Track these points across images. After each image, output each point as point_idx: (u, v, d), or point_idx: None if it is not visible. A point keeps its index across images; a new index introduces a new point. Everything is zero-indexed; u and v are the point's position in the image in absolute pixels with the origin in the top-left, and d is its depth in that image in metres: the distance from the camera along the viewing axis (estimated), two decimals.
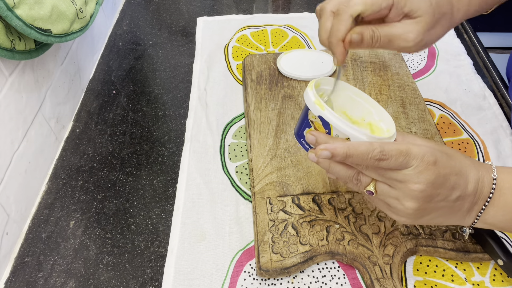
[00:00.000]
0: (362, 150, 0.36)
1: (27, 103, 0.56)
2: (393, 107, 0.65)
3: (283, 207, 0.52)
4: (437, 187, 0.37)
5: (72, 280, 0.49)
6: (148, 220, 0.55)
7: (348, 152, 0.37)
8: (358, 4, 0.39)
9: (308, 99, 0.41)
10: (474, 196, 0.39)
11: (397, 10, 0.40)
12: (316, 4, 0.91)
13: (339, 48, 0.41)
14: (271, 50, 0.79)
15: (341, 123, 0.39)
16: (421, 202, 0.37)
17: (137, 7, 0.92)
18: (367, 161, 0.36)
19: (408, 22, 0.41)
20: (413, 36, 0.41)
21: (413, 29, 0.41)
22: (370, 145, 0.36)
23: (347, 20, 0.40)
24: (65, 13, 0.56)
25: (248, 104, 0.66)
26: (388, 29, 0.41)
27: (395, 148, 0.36)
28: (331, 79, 0.45)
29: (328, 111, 0.39)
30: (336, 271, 0.49)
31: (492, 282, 0.48)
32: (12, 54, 0.50)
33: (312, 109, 0.40)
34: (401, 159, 0.36)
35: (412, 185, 0.36)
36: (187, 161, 0.61)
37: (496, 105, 0.67)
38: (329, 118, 0.39)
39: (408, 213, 0.38)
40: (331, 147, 0.37)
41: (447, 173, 0.37)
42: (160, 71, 0.77)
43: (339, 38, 0.40)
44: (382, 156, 0.36)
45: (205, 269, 0.49)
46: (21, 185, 0.54)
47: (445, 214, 0.40)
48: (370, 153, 0.36)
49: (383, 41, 0.42)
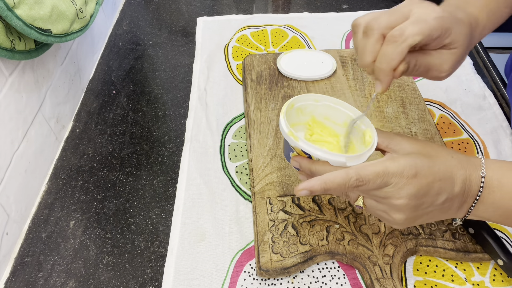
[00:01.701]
0: (338, 181, 0.37)
1: (27, 103, 0.56)
2: (393, 107, 0.65)
3: (283, 207, 0.52)
4: (421, 197, 0.37)
5: (72, 280, 0.49)
6: (148, 220, 0.55)
7: (325, 186, 0.38)
8: (418, 34, 0.37)
9: (282, 130, 0.42)
10: (462, 195, 0.39)
11: (440, 41, 0.39)
12: (316, 4, 0.91)
13: (389, 77, 0.39)
14: (271, 50, 0.79)
15: (317, 151, 0.40)
16: (407, 213, 0.38)
17: (137, 7, 0.92)
18: (345, 189, 0.38)
19: (444, 52, 0.40)
20: (447, 67, 0.41)
21: (448, 60, 0.40)
22: (346, 175, 0.37)
23: (404, 50, 0.37)
24: (65, 13, 0.56)
25: (248, 104, 0.66)
26: (428, 58, 0.40)
27: (372, 172, 0.37)
28: (306, 95, 0.46)
29: (302, 141, 0.40)
30: (336, 271, 0.49)
31: (492, 282, 0.48)
32: (12, 54, 0.50)
33: (288, 140, 0.41)
34: (378, 180, 0.37)
35: (395, 200, 0.37)
36: (187, 161, 0.61)
37: (496, 105, 0.67)
38: (304, 147, 0.40)
39: (399, 223, 0.39)
40: (309, 186, 0.39)
41: (429, 182, 0.37)
42: (160, 71, 0.77)
43: (392, 67, 0.38)
44: (359, 183, 0.37)
45: (205, 269, 0.49)
46: (21, 185, 0.54)
47: (436, 215, 0.41)
48: (346, 183, 0.37)
49: (421, 71, 0.41)
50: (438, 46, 0.40)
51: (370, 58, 0.39)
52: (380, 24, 0.38)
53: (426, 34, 0.37)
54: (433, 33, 0.38)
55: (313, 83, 0.69)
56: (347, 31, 0.83)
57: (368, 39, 0.39)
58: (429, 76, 0.42)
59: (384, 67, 0.38)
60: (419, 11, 0.38)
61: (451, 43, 0.40)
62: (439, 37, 0.39)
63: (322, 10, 0.90)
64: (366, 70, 0.41)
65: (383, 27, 0.38)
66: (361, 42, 0.40)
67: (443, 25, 0.38)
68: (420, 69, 0.41)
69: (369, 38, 0.39)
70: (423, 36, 0.37)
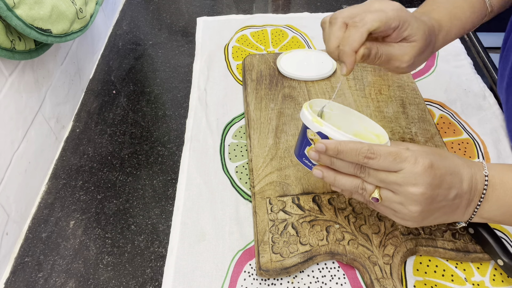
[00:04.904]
0: (351, 146, 0.39)
1: (27, 103, 0.56)
2: (393, 107, 0.65)
3: (283, 207, 0.52)
4: (435, 187, 0.39)
5: (72, 280, 0.49)
6: (148, 220, 0.55)
7: (339, 147, 0.40)
8: (376, 20, 0.41)
9: (306, 118, 0.44)
10: (469, 193, 0.41)
11: (399, 32, 0.43)
12: (316, 4, 0.91)
13: (351, 58, 0.42)
14: (271, 50, 0.79)
15: (340, 134, 0.41)
16: (423, 204, 0.39)
17: (137, 7, 0.92)
18: (357, 157, 0.39)
19: (405, 45, 0.45)
20: (407, 58, 0.45)
21: (409, 52, 0.45)
22: (359, 143, 0.39)
23: (364, 34, 0.41)
24: (65, 13, 0.56)
25: (248, 104, 0.66)
26: (389, 48, 0.44)
27: (384, 149, 0.39)
28: (323, 100, 0.48)
29: (326, 126, 0.42)
30: (336, 271, 0.49)
31: (492, 282, 0.48)
32: (12, 54, 0.50)
33: (311, 127, 0.43)
34: (389, 158, 0.38)
35: (411, 187, 0.38)
36: (187, 161, 0.61)
37: (496, 105, 0.67)
38: (328, 132, 0.42)
39: (414, 216, 0.40)
40: (325, 142, 0.41)
41: (442, 174, 0.39)
42: (160, 71, 0.77)
43: (353, 49, 0.42)
44: (370, 154, 0.39)
45: (205, 269, 0.49)
46: (21, 185, 0.54)
47: (446, 213, 0.42)
48: (358, 149, 0.39)
49: (383, 59, 0.45)
50: (398, 38, 0.44)
51: (335, 43, 0.43)
52: (343, 14, 0.43)
53: (383, 22, 0.42)
54: (391, 22, 0.42)
55: (313, 83, 0.69)
56: None
57: (332, 27, 0.43)
58: (391, 66, 0.46)
59: (346, 49, 0.42)
60: (378, 5, 0.43)
61: (410, 35, 0.44)
62: (398, 28, 0.43)
63: (322, 10, 0.90)
64: (332, 55, 0.44)
65: (345, 16, 0.43)
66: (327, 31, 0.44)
67: (401, 16, 0.43)
68: (382, 58, 0.44)
69: (333, 26, 0.43)
70: (381, 23, 0.42)
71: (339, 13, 0.43)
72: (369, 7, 0.43)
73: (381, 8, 0.43)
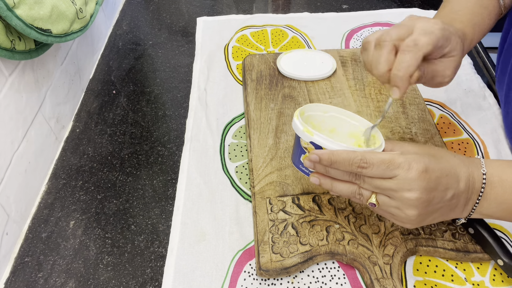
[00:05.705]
0: (343, 156, 0.40)
1: (27, 103, 0.56)
2: (393, 107, 0.65)
3: (283, 207, 0.52)
4: (431, 191, 0.39)
5: (72, 280, 0.49)
6: (148, 220, 0.55)
7: (332, 157, 0.41)
8: (429, 44, 0.41)
9: (297, 128, 0.44)
10: (467, 192, 0.42)
11: (441, 50, 0.44)
12: (316, 4, 0.91)
13: (406, 83, 0.41)
14: (271, 50, 0.79)
15: (331, 143, 0.42)
16: (420, 208, 0.40)
17: (137, 7, 0.92)
18: (350, 167, 0.40)
19: (444, 60, 0.45)
20: (449, 72, 0.45)
21: (449, 66, 0.45)
22: (352, 153, 0.40)
23: (419, 58, 0.41)
24: (65, 13, 0.56)
25: (248, 104, 0.66)
26: (432, 66, 0.44)
27: (377, 158, 0.39)
28: (315, 105, 0.49)
29: (317, 135, 0.42)
30: (336, 271, 0.49)
31: (492, 282, 0.48)
32: (12, 54, 0.50)
33: (302, 137, 0.44)
34: (382, 167, 0.39)
35: (407, 193, 0.39)
36: (187, 161, 0.61)
37: (496, 105, 0.67)
38: (320, 141, 0.42)
39: (411, 219, 0.41)
40: (318, 153, 0.42)
41: (438, 176, 0.39)
42: (160, 71, 0.77)
43: (410, 74, 0.41)
44: (362, 164, 0.39)
45: (205, 269, 0.49)
46: (21, 185, 0.54)
47: (445, 213, 0.42)
48: (351, 159, 0.40)
49: (428, 78, 0.45)
50: (439, 55, 0.44)
51: (386, 67, 0.42)
52: (392, 37, 0.42)
53: (434, 44, 0.41)
54: (440, 42, 0.42)
55: (313, 83, 0.69)
56: (347, 31, 0.83)
57: (382, 50, 0.42)
58: (434, 82, 0.46)
59: (401, 74, 0.41)
60: (422, 25, 0.42)
61: (450, 51, 0.44)
62: (442, 46, 0.43)
63: (322, 10, 0.90)
64: (380, 79, 0.43)
65: (394, 39, 0.42)
66: (374, 54, 0.43)
67: (446, 35, 0.43)
68: (427, 76, 0.44)
69: (382, 49, 0.42)
70: (433, 45, 0.41)
71: (386, 35, 0.42)
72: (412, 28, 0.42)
73: (427, 28, 0.41)
